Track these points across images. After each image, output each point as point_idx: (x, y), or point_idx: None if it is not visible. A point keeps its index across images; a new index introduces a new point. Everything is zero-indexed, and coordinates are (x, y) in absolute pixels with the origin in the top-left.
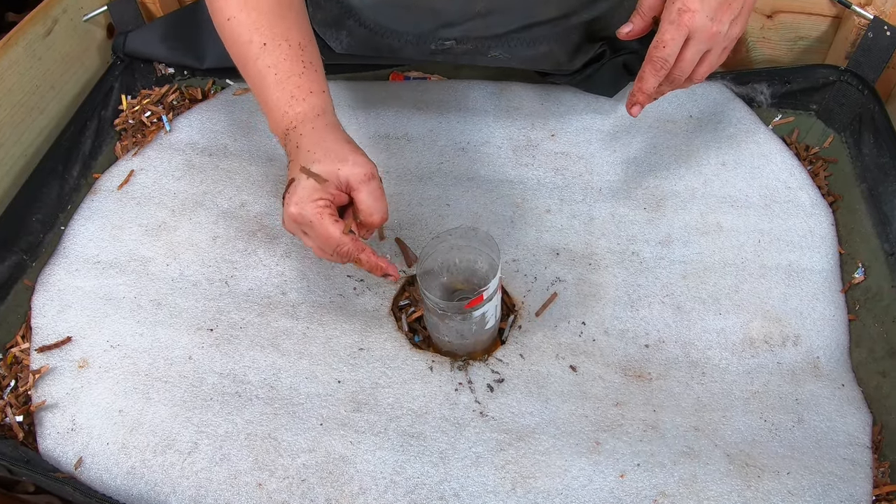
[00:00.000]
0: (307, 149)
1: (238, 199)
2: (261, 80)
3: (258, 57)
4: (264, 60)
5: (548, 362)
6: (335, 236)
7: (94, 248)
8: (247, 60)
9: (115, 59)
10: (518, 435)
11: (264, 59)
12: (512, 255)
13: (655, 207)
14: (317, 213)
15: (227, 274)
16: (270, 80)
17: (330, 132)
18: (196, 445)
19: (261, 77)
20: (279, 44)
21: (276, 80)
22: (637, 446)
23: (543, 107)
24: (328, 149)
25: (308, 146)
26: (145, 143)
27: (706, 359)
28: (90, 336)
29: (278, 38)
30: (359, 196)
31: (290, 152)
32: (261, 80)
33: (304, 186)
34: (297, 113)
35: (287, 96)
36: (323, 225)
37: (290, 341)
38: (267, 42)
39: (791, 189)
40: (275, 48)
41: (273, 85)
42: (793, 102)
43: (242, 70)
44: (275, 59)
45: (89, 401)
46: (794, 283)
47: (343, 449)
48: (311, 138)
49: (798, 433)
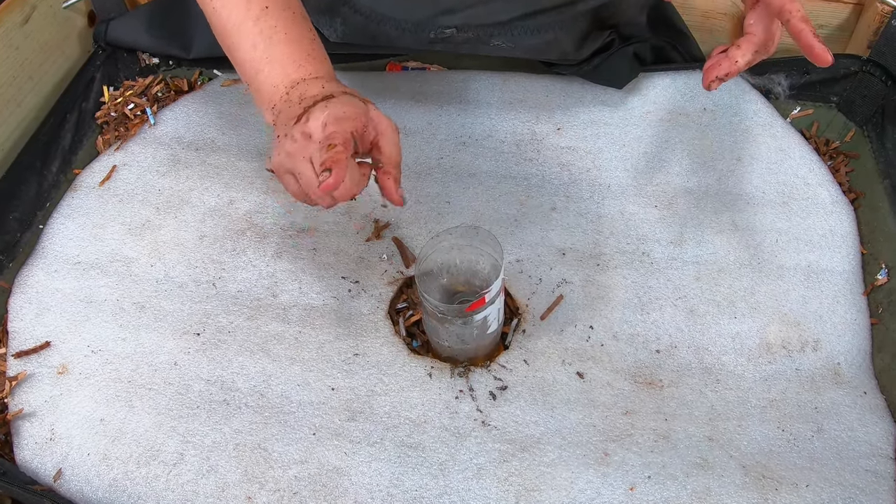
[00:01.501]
0: (341, 89)
1: (226, 196)
2: (264, 39)
3: (259, 17)
4: (268, 21)
5: (553, 369)
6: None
7: (75, 248)
8: (241, 23)
9: (96, 49)
10: (522, 445)
11: (268, 21)
12: (515, 256)
13: (667, 205)
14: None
15: (214, 275)
16: (279, 38)
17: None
18: (182, 456)
19: (264, 36)
20: (283, 9)
21: (287, 38)
22: (648, 457)
23: (549, 99)
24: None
25: (341, 88)
26: (128, 136)
27: (721, 365)
28: (70, 341)
29: (280, 4)
30: (384, 138)
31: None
32: (264, 39)
33: (350, 101)
34: (318, 69)
35: (302, 53)
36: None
37: (281, 346)
38: (269, 6)
39: (810, 186)
40: (279, 12)
41: (283, 42)
42: (812, 94)
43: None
44: (283, 21)
45: (69, 409)
46: (814, 285)
47: (337, 460)
48: (340, 87)
49: (818, 443)
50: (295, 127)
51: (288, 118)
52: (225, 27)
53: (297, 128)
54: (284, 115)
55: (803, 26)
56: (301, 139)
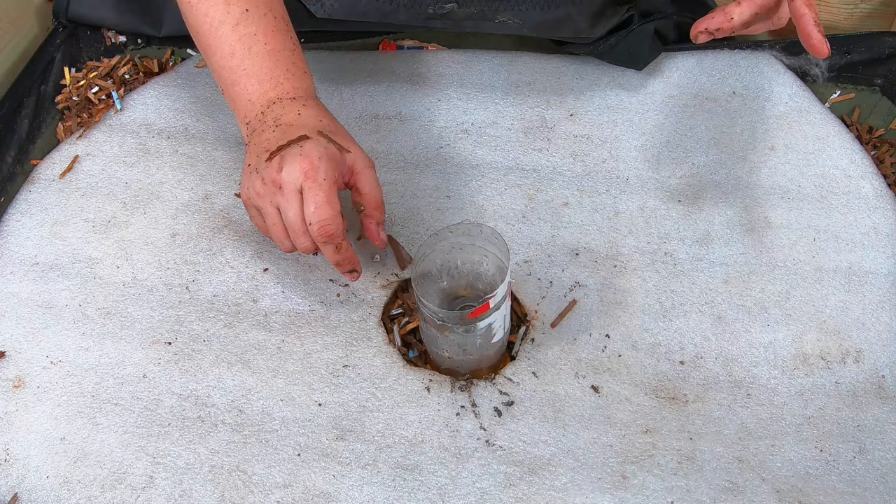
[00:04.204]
0: (318, 118)
1: (201, 190)
2: (242, 48)
3: (239, 22)
4: (248, 28)
5: (566, 382)
6: (335, 209)
7: (32, 248)
8: (219, 25)
9: (56, 26)
10: (530, 468)
11: (248, 27)
12: (523, 256)
13: (692, 200)
14: (333, 179)
15: (187, 278)
16: (258, 49)
17: (333, 116)
18: (151, 479)
19: (242, 44)
20: (264, 13)
21: (267, 50)
22: (670, 481)
23: (560, 82)
24: (338, 129)
25: (317, 117)
26: (92, 123)
27: (752, 378)
28: (27, 351)
29: (261, 8)
30: (363, 180)
31: (283, 117)
32: (242, 48)
33: (326, 147)
34: (297, 87)
35: (282, 68)
36: (333, 192)
37: (263, 357)
38: (249, 8)
39: (851, 178)
40: (259, 17)
41: (262, 54)
42: (854, 76)
43: (212, 38)
44: (262, 28)
45: (25, 427)
46: (856, 289)
47: (325, 484)
48: (318, 112)
49: (859, 465)
50: (267, 169)
51: (261, 148)
52: (201, 26)
53: (269, 172)
54: (258, 139)
55: (805, 11)
56: (271, 186)
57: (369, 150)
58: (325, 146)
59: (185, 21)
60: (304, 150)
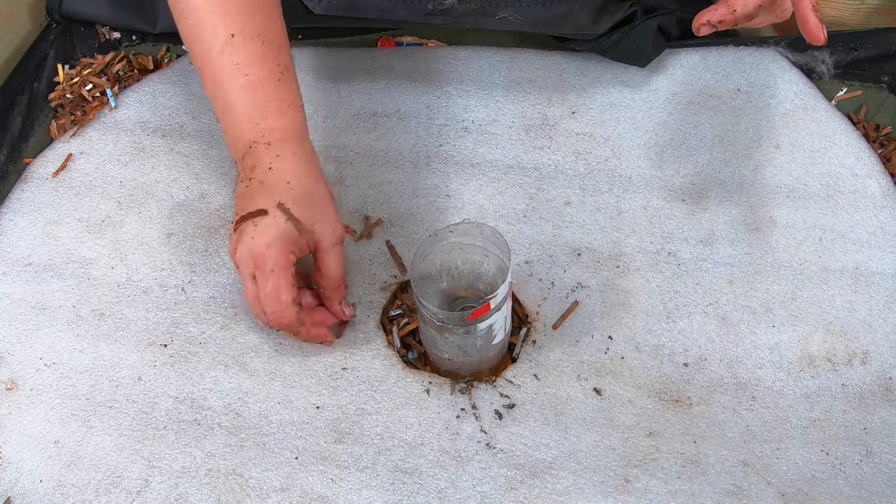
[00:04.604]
0: (286, 179)
1: (197, 189)
2: (226, 79)
3: (223, 50)
4: (231, 57)
5: (567, 384)
6: (285, 301)
7: (25, 248)
8: (208, 50)
9: (49, 22)
10: (532, 471)
11: (231, 55)
12: (524, 256)
13: (696, 199)
14: (283, 266)
15: (183, 279)
16: (239, 82)
17: (313, 166)
18: (147, 483)
19: (226, 75)
20: (251, 38)
21: (248, 83)
22: (674, 484)
23: (562, 79)
24: (310, 191)
25: (288, 175)
26: (86, 121)
27: (757, 380)
28: (20, 353)
29: (249, 30)
30: (324, 258)
31: (256, 169)
32: (226, 79)
33: (280, 227)
34: (274, 128)
35: (261, 105)
36: (282, 282)
37: (259, 359)
38: (236, 34)
39: (858, 177)
40: (245, 42)
41: (242, 87)
42: (860, 73)
43: (200, 58)
44: (246, 56)
45: (18, 430)
46: (862, 290)
47: (322, 487)
48: (292, 167)
49: (866, 468)
50: (231, 241)
51: (237, 202)
52: (192, 49)
53: (231, 245)
54: (238, 190)
55: None
56: (246, 255)
57: (368, 148)
58: (280, 227)
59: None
60: (258, 231)
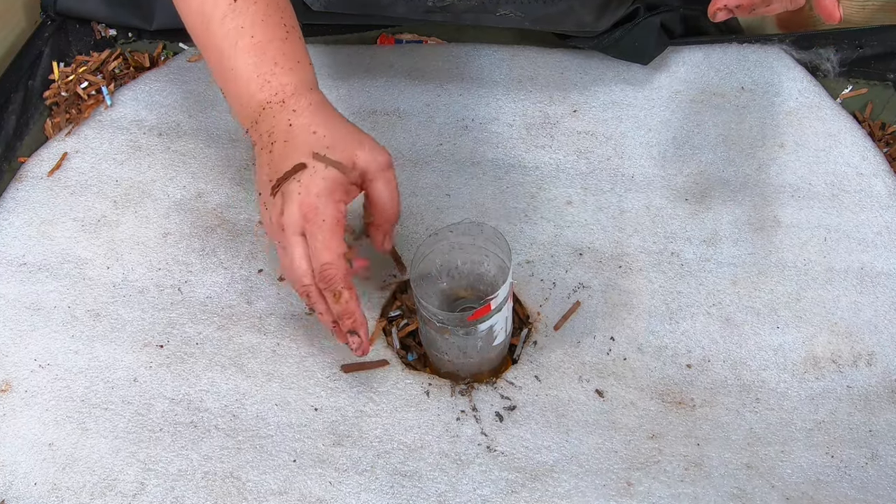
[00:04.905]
0: (311, 129)
1: (194, 188)
2: (229, 45)
3: (225, 16)
4: (234, 21)
5: (569, 386)
6: (337, 251)
7: (20, 248)
8: (209, 22)
9: (44, 19)
10: (533, 474)
11: (234, 20)
12: (525, 256)
13: (699, 198)
14: (335, 217)
15: (180, 279)
16: (245, 44)
17: (331, 110)
18: (143, 486)
19: (229, 41)
20: (254, 1)
21: (253, 44)
22: (677, 488)
23: (563, 77)
24: (338, 130)
25: (311, 126)
26: (81, 119)
27: (761, 382)
28: (14, 354)
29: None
30: (375, 187)
31: (275, 131)
32: (229, 45)
33: (325, 175)
34: (285, 84)
35: (269, 63)
36: (336, 232)
37: (257, 360)
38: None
39: (864, 176)
40: (248, 6)
41: (248, 49)
42: (866, 71)
43: (202, 35)
44: (249, 19)
45: (13, 432)
46: (868, 291)
47: (321, 491)
48: (311, 116)
49: (872, 471)
50: (273, 206)
51: (264, 177)
52: (193, 23)
53: (274, 211)
54: (260, 161)
55: None
56: (276, 227)
57: None
58: (325, 175)
59: (183, 21)
60: (304, 185)
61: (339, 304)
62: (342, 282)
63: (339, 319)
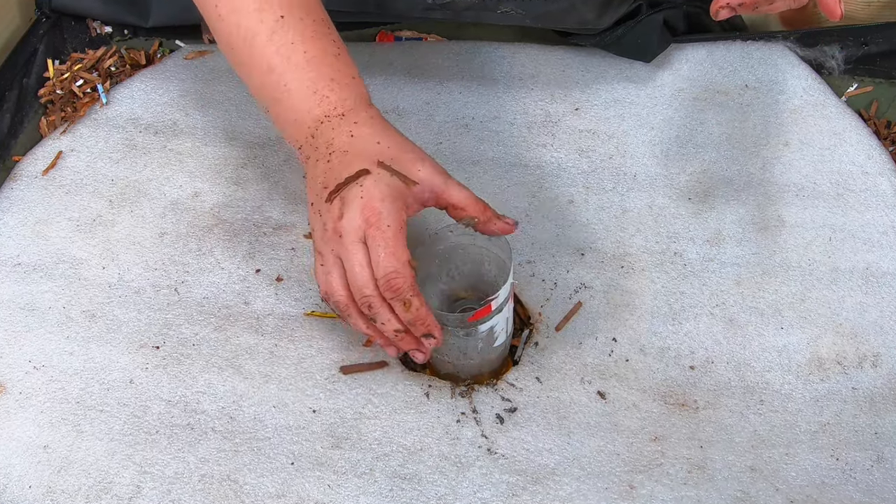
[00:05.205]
0: (374, 140)
1: (190, 188)
2: (281, 61)
3: (274, 32)
4: (284, 36)
5: (570, 388)
6: (403, 259)
7: (14, 248)
8: (254, 38)
9: (39, 16)
10: (534, 477)
11: (284, 35)
12: (526, 257)
13: (703, 198)
14: (399, 223)
15: (176, 279)
16: (298, 60)
17: (391, 125)
18: (139, 489)
19: (280, 57)
20: (300, 18)
21: (307, 59)
22: (680, 490)
23: (565, 74)
24: (401, 144)
25: (374, 136)
26: (76, 118)
27: (765, 383)
28: (8, 355)
29: (297, 12)
30: (450, 195)
31: (334, 143)
32: (281, 61)
33: (389, 182)
34: (344, 99)
35: (325, 79)
36: (400, 239)
37: (254, 362)
38: (285, 15)
39: (869, 175)
40: (296, 22)
41: (302, 65)
42: (871, 69)
43: (244, 52)
44: (299, 35)
45: (7, 434)
46: (873, 291)
47: (319, 494)
48: (373, 128)
49: (877, 474)
50: (329, 212)
51: (319, 184)
52: (234, 40)
53: (331, 217)
54: (314, 171)
55: None
56: (332, 233)
57: None
58: (389, 182)
59: (216, 37)
60: (367, 190)
61: (411, 313)
62: (411, 289)
63: (411, 327)
